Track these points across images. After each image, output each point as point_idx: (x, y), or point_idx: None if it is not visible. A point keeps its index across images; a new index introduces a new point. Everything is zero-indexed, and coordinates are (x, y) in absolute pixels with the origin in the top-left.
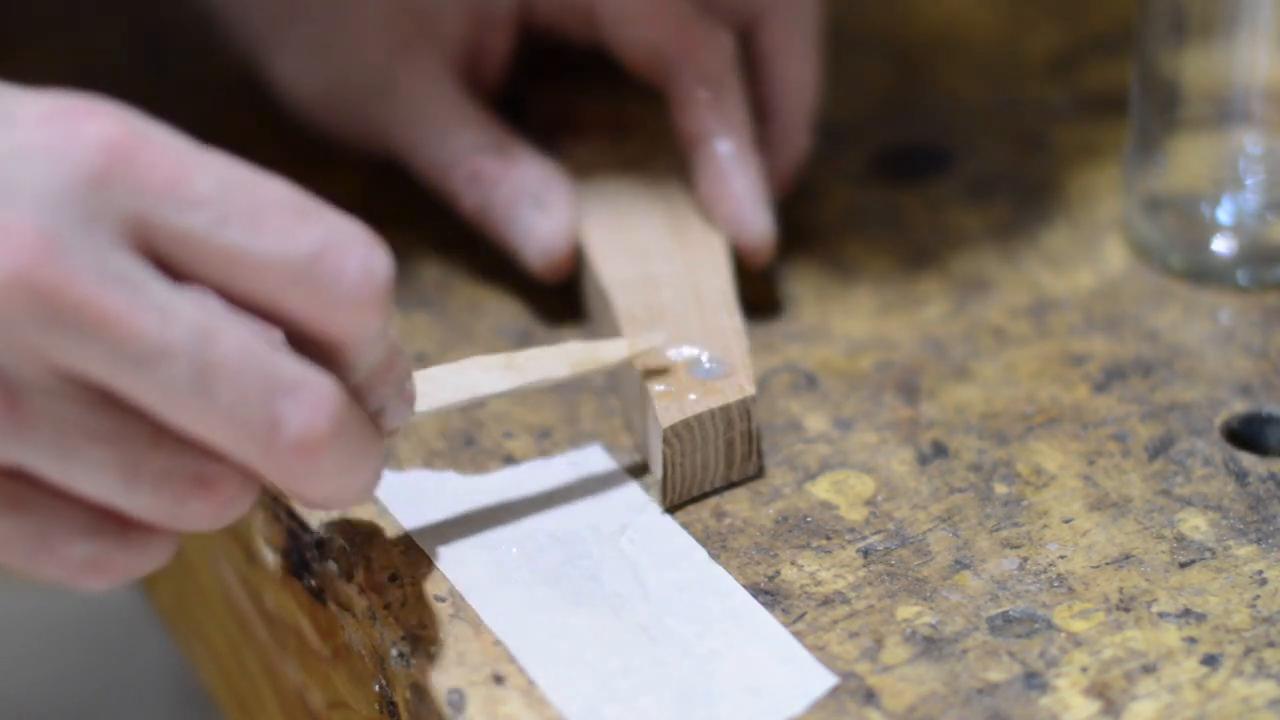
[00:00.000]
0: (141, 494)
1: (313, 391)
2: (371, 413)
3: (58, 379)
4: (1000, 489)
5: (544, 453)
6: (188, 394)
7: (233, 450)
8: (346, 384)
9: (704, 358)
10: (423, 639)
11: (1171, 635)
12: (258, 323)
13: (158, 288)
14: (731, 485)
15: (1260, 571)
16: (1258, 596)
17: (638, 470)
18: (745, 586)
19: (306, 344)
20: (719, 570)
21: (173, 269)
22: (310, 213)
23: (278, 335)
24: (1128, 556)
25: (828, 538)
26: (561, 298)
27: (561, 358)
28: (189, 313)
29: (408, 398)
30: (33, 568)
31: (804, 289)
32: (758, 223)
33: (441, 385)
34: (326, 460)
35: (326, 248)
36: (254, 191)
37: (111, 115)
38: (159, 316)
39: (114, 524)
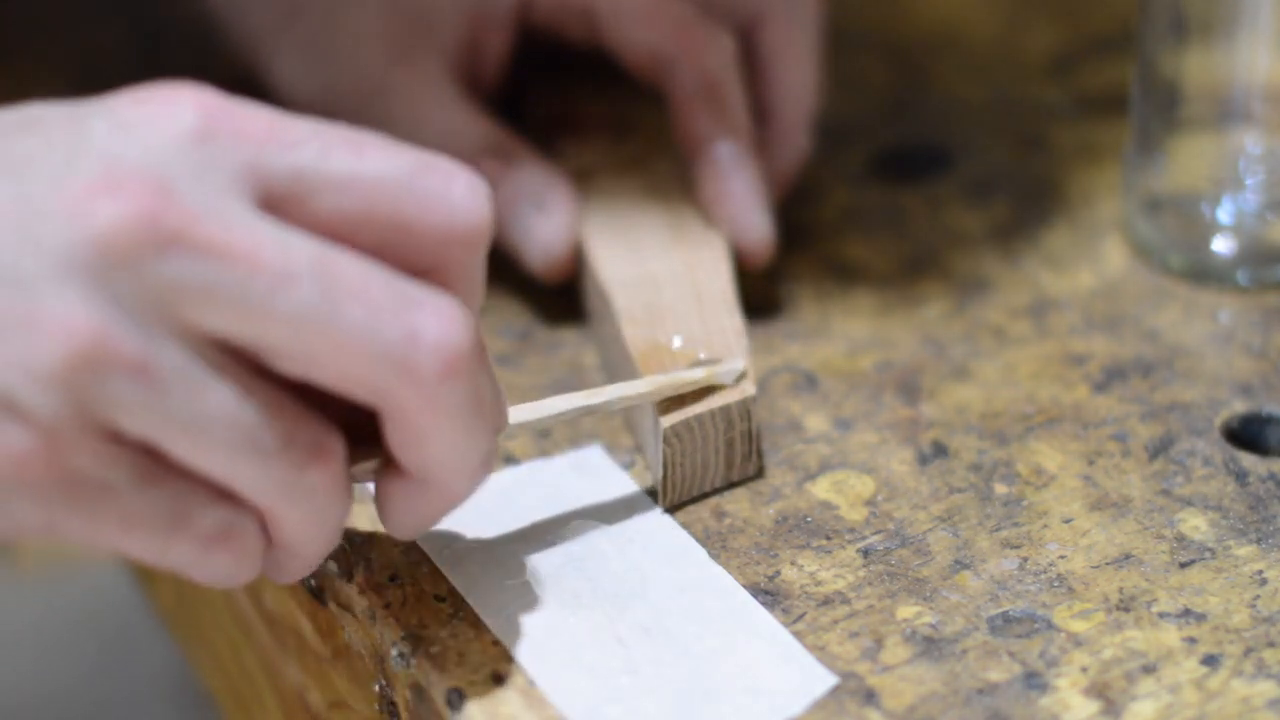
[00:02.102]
0: (267, 463)
1: (444, 305)
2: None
3: (187, 338)
4: (1000, 489)
5: (544, 453)
6: (318, 318)
7: (370, 374)
8: None
9: (704, 358)
10: (423, 639)
11: (1171, 635)
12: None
13: (272, 224)
14: (731, 485)
15: (1260, 571)
16: (1258, 596)
17: (638, 470)
18: (745, 586)
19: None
20: (719, 570)
21: (284, 213)
22: (400, 147)
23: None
24: (1128, 556)
25: (828, 538)
26: (561, 298)
27: (643, 383)
28: (306, 241)
29: (503, 397)
30: (166, 546)
31: (804, 289)
32: (757, 225)
33: (523, 411)
34: (463, 385)
35: (430, 163)
36: (346, 132)
37: (198, 89)
38: (279, 246)
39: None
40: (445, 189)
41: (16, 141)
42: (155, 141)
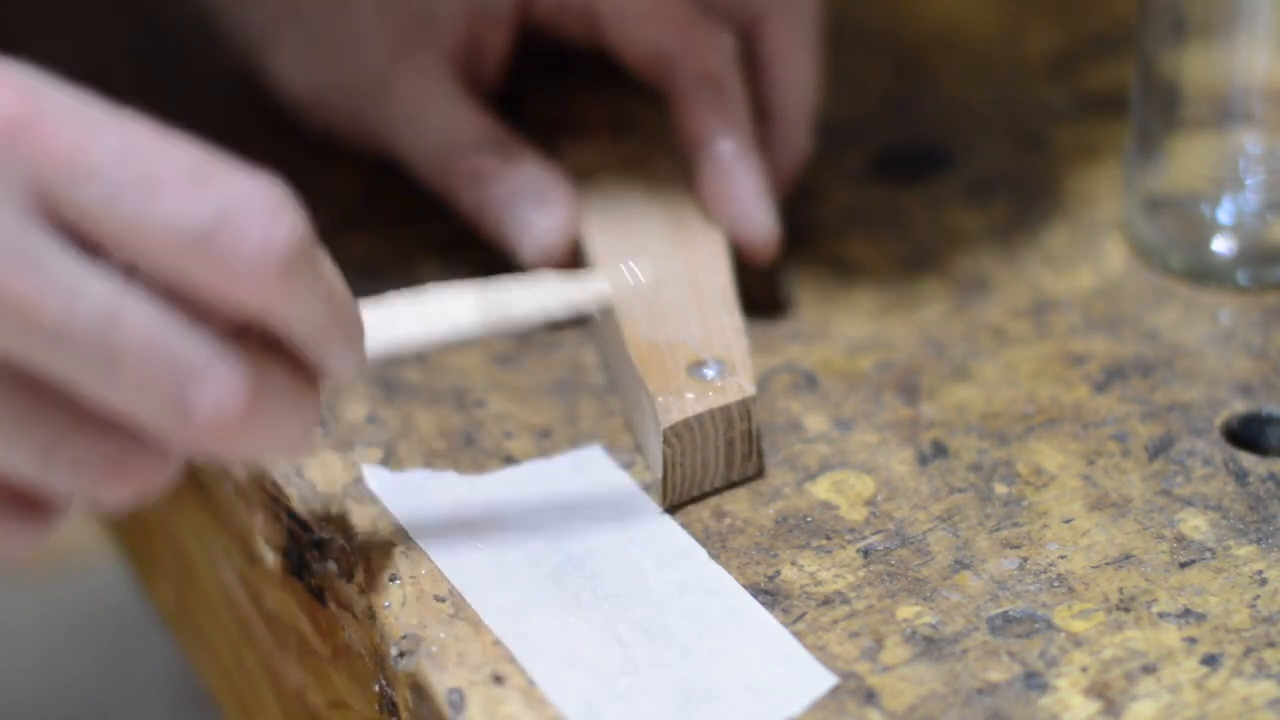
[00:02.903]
0: (59, 476)
1: (221, 373)
2: (316, 362)
3: None
4: (1000, 489)
5: (544, 453)
6: (97, 375)
7: (149, 426)
8: (286, 340)
9: (704, 358)
10: (423, 639)
11: (1171, 635)
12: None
13: (65, 264)
14: (731, 485)
15: (1260, 571)
16: (1258, 596)
17: (638, 470)
18: (745, 586)
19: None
20: (719, 570)
21: (84, 239)
22: (211, 179)
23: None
24: (1128, 556)
25: (828, 538)
26: None
27: (536, 299)
28: (96, 292)
29: (357, 347)
30: None
31: (804, 289)
32: (762, 220)
33: (399, 319)
34: (245, 432)
35: (223, 218)
36: (152, 159)
37: (10, 85)
38: (66, 297)
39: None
40: (235, 247)
41: None
42: None
